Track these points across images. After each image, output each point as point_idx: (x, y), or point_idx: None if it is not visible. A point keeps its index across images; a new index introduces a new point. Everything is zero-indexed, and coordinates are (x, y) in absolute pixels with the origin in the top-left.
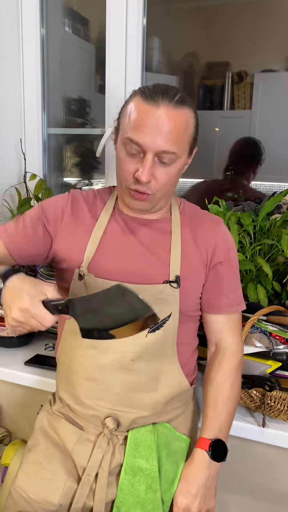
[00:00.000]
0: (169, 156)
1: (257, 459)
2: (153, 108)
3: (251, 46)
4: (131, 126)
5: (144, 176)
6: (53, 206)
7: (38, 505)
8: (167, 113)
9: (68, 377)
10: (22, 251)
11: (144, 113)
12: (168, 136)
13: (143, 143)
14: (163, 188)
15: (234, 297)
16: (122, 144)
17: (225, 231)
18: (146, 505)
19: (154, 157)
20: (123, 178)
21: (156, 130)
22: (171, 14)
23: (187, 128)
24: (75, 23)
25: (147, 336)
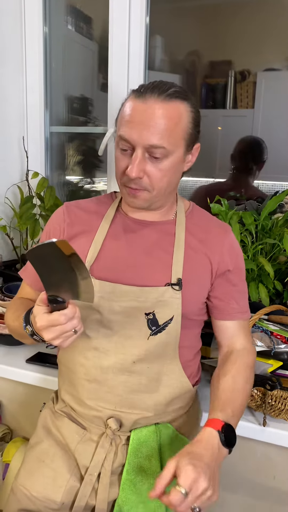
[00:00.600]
0: (159, 150)
1: (258, 458)
2: (141, 103)
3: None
4: (122, 123)
5: (133, 171)
6: (52, 227)
7: (40, 503)
8: (155, 106)
9: (70, 379)
10: None
11: (132, 109)
12: (155, 130)
13: (130, 138)
14: (158, 184)
15: (243, 304)
16: (116, 143)
17: (233, 239)
18: (148, 504)
19: (144, 153)
20: (117, 176)
21: (142, 124)
22: (173, 12)
23: (178, 121)
24: (78, 21)
25: (149, 339)
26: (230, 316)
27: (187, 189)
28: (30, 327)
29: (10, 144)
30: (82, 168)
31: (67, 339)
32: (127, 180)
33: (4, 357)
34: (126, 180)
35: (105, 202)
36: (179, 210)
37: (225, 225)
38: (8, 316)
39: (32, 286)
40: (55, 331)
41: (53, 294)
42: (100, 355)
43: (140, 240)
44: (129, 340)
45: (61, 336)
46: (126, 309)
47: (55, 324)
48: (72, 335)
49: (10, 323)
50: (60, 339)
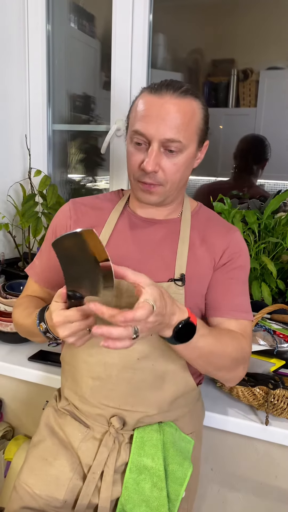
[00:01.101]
0: (175, 144)
1: (260, 457)
2: (157, 98)
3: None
4: (137, 119)
5: (149, 165)
6: (59, 223)
7: (43, 500)
8: (170, 101)
9: (73, 376)
10: (54, 281)
11: (148, 104)
12: (172, 123)
13: (146, 132)
14: (172, 179)
15: (239, 302)
16: (130, 138)
17: (240, 238)
18: (151, 503)
19: (160, 147)
20: (131, 172)
21: (159, 118)
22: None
23: (192, 117)
24: (81, 19)
25: (153, 335)
26: (220, 313)
27: (189, 187)
28: (45, 324)
29: (13, 142)
30: (84, 166)
31: (81, 338)
32: (141, 175)
33: (6, 355)
34: (140, 175)
35: (112, 199)
36: (185, 208)
37: (232, 226)
38: (17, 314)
39: (40, 282)
40: (70, 328)
41: (72, 289)
42: (104, 352)
43: (145, 237)
44: None
45: (75, 334)
46: (130, 305)
47: (71, 320)
48: (86, 334)
49: (19, 321)
50: (75, 337)
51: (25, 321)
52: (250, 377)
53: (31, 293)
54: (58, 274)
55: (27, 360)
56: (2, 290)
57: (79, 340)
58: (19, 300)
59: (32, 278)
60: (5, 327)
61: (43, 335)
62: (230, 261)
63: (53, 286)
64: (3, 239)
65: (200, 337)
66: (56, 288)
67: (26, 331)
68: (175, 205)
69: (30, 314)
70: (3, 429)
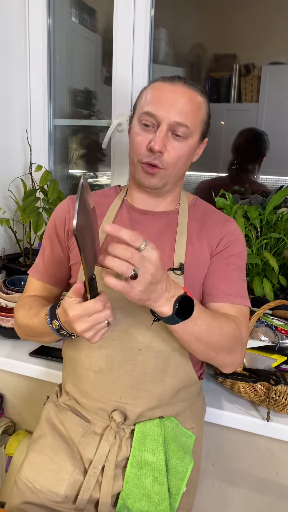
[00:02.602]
0: (182, 129)
1: (261, 452)
2: (169, 85)
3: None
4: (148, 101)
5: (157, 144)
6: (58, 218)
7: (44, 495)
8: (182, 89)
9: (75, 370)
10: (58, 277)
11: (160, 89)
12: (182, 109)
13: (157, 113)
14: (174, 163)
15: (236, 288)
16: (138, 120)
17: (236, 227)
18: (152, 497)
19: (168, 130)
20: (136, 153)
21: (170, 102)
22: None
23: (200, 107)
24: (82, 13)
25: (153, 325)
26: (217, 298)
27: (190, 183)
28: (57, 321)
29: (14, 137)
30: (85, 162)
31: (98, 332)
32: (146, 155)
33: (7, 351)
34: (145, 155)
35: (110, 194)
36: (182, 201)
37: (228, 217)
38: (21, 315)
39: (44, 280)
40: (89, 321)
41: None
42: (105, 345)
43: (144, 229)
44: (133, 328)
45: (94, 327)
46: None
47: (91, 313)
48: (105, 327)
49: (24, 322)
50: (93, 331)
51: (32, 321)
52: (251, 373)
53: (33, 293)
54: (61, 268)
55: (28, 356)
56: (3, 285)
57: (96, 334)
58: (21, 301)
59: (35, 277)
60: (6, 322)
61: (56, 333)
62: (227, 249)
63: (57, 281)
64: (4, 235)
65: (198, 314)
66: (59, 283)
67: (33, 331)
68: (172, 198)
69: (38, 314)
70: (4, 425)
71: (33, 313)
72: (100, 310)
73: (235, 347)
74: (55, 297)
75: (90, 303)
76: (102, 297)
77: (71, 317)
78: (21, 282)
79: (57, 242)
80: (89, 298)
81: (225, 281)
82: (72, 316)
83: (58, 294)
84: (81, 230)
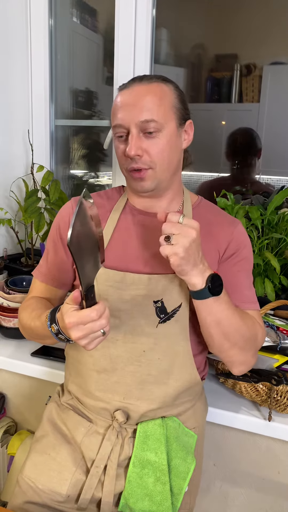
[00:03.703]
0: (152, 125)
1: (262, 452)
2: (126, 90)
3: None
4: (113, 115)
5: (131, 149)
6: (62, 220)
7: (46, 495)
8: (138, 88)
9: (78, 370)
10: (61, 280)
11: (120, 98)
12: (143, 106)
13: (121, 121)
14: (158, 159)
15: (248, 294)
16: (114, 134)
17: (242, 231)
18: (154, 497)
19: (139, 132)
20: (121, 164)
21: (130, 105)
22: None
23: (163, 96)
24: (83, 13)
25: (158, 327)
26: None
27: (191, 183)
28: (56, 325)
29: (15, 137)
30: (86, 162)
31: (93, 340)
32: (128, 163)
33: (9, 350)
34: (127, 163)
35: (114, 195)
36: (186, 201)
37: (234, 219)
38: (24, 317)
39: (48, 282)
40: (84, 329)
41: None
42: (109, 345)
43: (148, 230)
44: (138, 329)
45: (89, 335)
46: (135, 297)
47: (85, 321)
48: (100, 336)
49: (27, 323)
50: (87, 339)
51: (34, 323)
52: (253, 373)
53: (37, 294)
54: (64, 271)
55: (30, 356)
56: (5, 285)
57: (91, 343)
58: (25, 303)
59: (39, 279)
60: (8, 322)
61: (55, 336)
62: (236, 253)
63: (60, 284)
64: (6, 235)
65: (225, 297)
66: (63, 285)
67: (35, 333)
68: (173, 196)
69: (39, 316)
70: (6, 424)
71: (35, 316)
72: (95, 319)
73: (250, 346)
74: (59, 299)
75: (85, 312)
76: (98, 306)
77: (67, 324)
78: (23, 282)
79: (60, 245)
80: (85, 306)
81: (239, 288)
82: (68, 323)
83: (62, 296)
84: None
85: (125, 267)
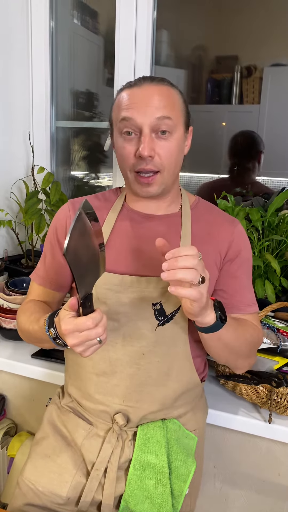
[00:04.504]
0: (166, 122)
1: (263, 454)
2: (137, 88)
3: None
4: (122, 109)
5: (146, 149)
6: (59, 223)
7: (46, 497)
8: (150, 88)
9: (77, 373)
10: (59, 283)
11: (130, 94)
12: (159, 104)
13: (135, 118)
14: (168, 163)
15: (250, 296)
16: (118, 132)
17: (242, 231)
18: (154, 499)
19: (151, 132)
20: (126, 164)
21: (144, 103)
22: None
23: (174, 99)
24: (84, 15)
25: (157, 329)
26: (236, 310)
27: (191, 185)
28: (54, 330)
29: (16, 139)
30: (87, 163)
31: (89, 348)
32: (137, 164)
33: (9, 352)
34: (137, 164)
35: (110, 197)
36: (184, 202)
37: (233, 218)
38: (23, 320)
39: (45, 285)
40: (79, 337)
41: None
42: (108, 348)
43: (146, 233)
44: (137, 332)
45: (84, 343)
46: (133, 300)
47: (82, 329)
48: (96, 344)
49: (25, 327)
50: (83, 347)
51: (33, 327)
52: (253, 375)
53: (35, 297)
54: (62, 274)
55: (30, 357)
56: (5, 287)
57: (86, 350)
58: (23, 306)
59: (36, 282)
60: (8, 324)
61: (53, 341)
62: (238, 256)
63: (58, 287)
64: (6, 236)
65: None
66: (61, 288)
67: (34, 337)
68: (172, 198)
69: (38, 320)
70: (6, 426)
71: (34, 319)
72: (91, 327)
73: (253, 352)
74: (57, 302)
75: (81, 320)
76: (95, 315)
77: (63, 330)
78: (23, 283)
79: (58, 248)
80: (82, 314)
81: (241, 292)
82: (64, 330)
83: (60, 299)
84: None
85: (123, 270)
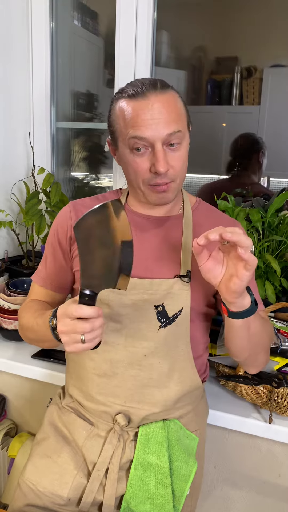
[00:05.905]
0: (176, 135)
1: (263, 455)
2: (143, 101)
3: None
4: (130, 126)
5: (162, 166)
6: (60, 225)
7: (47, 498)
8: (157, 99)
9: (78, 373)
10: (60, 284)
11: (136, 109)
12: (168, 118)
13: (148, 136)
14: (180, 173)
15: (256, 296)
16: (127, 147)
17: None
18: (156, 500)
19: (163, 146)
20: (139, 178)
21: (154, 119)
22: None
23: (178, 106)
24: (84, 16)
25: (159, 331)
26: None
27: (191, 185)
28: (56, 320)
29: (16, 140)
30: (87, 164)
31: (73, 343)
32: (152, 179)
33: (10, 353)
34: (152, 179)
35: (111, 198)
36: (185, 204)
37: (233, 220)
38: (26, 316)
39: (46, 286)
40: (67, 325)
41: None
42: (110, 349)
43: (148, 235)
44: (138, 333)
45: (70, 334)
46: (136, 302)
47: (69, 315)
48: (79, 341)
49: (29, 323)
50: (67, 337)
51: (37, 322)
52: (253, 375)
53: (36, 298)
54: (63, 275)
55: (30, 358)
56: (6, 287)
57: (70, 344)
58: (26, 304)
59: (37, 283)
60: (8, 324)
61: (52, 331)
62: None
63: (59, 288)
64: (6, 237)
65: None
66: (62, 290)
67: (35, 334)
68: (175, 200)
69: (43, 315)
70: (6, 426)
71: (39, 314)
72: (74, 316)
73: (269, 346)
74: (57, 303)
75: (73, 306)
76: (88, 308)
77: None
78: (24, 284)
79: (59, 249)
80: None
81: None
82: (57, 313)
83: (61, 300)
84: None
85: None
